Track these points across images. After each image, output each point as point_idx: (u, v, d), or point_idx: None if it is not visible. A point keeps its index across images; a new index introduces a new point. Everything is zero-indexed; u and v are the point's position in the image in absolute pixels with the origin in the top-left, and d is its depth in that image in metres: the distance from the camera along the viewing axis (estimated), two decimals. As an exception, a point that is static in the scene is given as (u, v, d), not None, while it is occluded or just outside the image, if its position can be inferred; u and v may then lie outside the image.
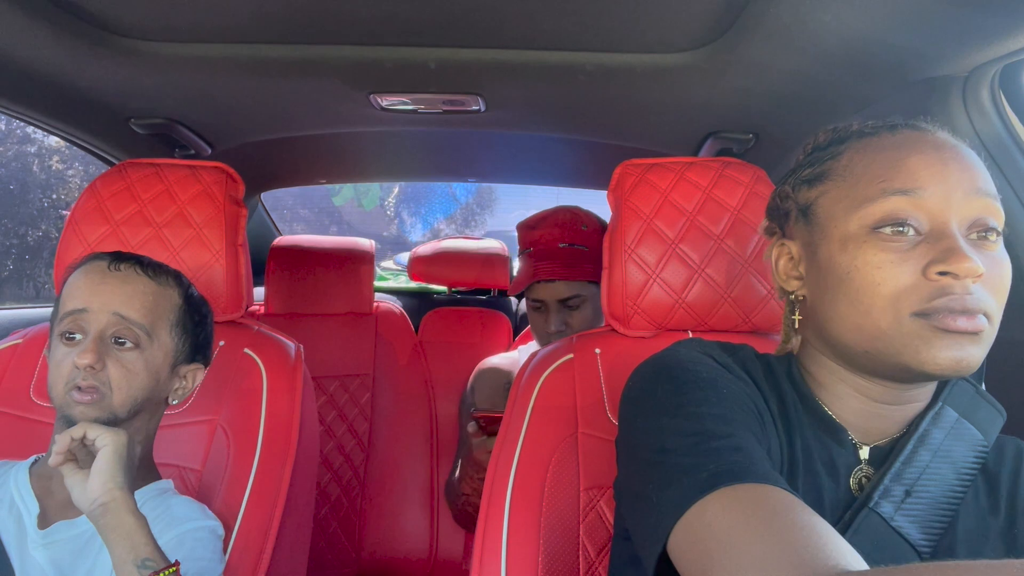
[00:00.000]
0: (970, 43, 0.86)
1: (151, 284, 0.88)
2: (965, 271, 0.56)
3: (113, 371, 0.83)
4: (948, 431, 0.65)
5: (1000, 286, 0.60)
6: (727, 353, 0.70)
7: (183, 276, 0.95)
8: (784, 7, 0.89)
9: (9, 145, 5.50)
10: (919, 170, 0.60)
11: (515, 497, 0.89)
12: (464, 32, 1.10)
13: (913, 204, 0.59)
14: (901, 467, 0.63)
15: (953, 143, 0.62)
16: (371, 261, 1.99)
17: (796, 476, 0.65)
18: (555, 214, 1.46)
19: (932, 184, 0.59)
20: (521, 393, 0.98)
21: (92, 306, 0.84)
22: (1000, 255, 0.60)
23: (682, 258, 0.98)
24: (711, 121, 1.42)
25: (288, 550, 1.03)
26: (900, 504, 0.61)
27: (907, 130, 0.64)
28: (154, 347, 0.87)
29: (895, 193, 0.60)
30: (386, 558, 1.83)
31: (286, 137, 1.69)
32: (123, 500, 0.75)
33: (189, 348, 0.92)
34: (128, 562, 0.72)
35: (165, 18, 1.07)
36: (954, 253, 0.57)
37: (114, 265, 0.87)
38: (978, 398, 0.68)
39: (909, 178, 0.60)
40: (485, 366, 1.69)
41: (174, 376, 0.92)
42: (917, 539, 0.60)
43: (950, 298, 0.57)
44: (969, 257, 0.56)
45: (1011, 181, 0.93)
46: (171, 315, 0.90)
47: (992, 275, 0.59)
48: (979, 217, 0.60)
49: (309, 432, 1.11)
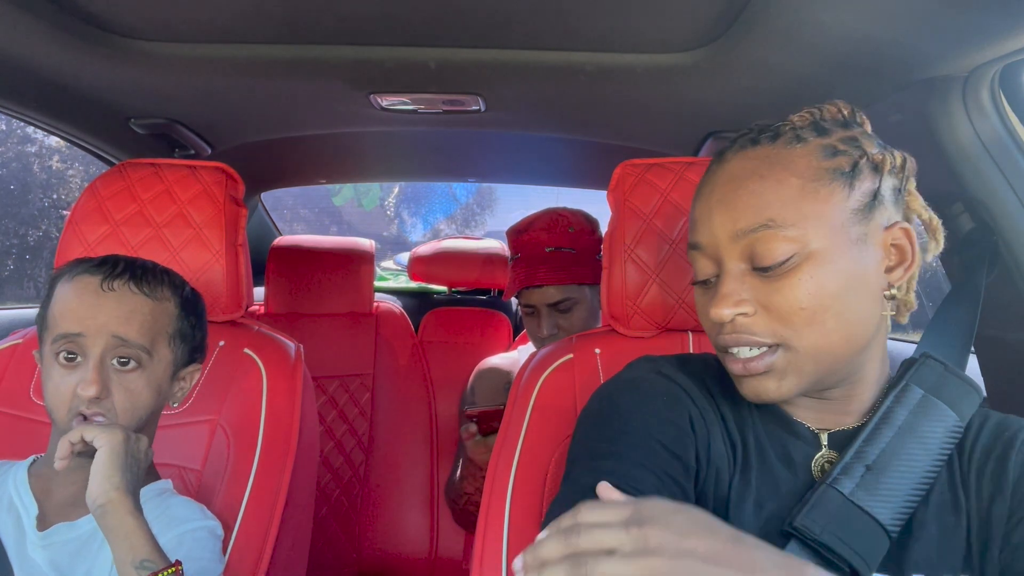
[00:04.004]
0: (970, 43, 0.86)
1: (148, 301, 0.85)
2: (715, 317, 0.64)
3: (118, 396, 0.82)
4: (913, 408, 0.66)
5: (787, 309, 0.62)
6: (678, 366, 0.75)
7: (176, 276, 0.92)
8: (784, 7, 0.89)
9: (9, 145, 5.50)
10: (696, 222, 0.68)
11: (515, 497, 0.89)
12: (464, 32, 1.10)
13: (699, 256, 0.68)
14: (862, 445, 0.65)
15: (727, 179, 0.66)
16: (371, 261, 1.99)
17: (749, 470, 0.68)
18: (540, 218, 1.45)
19: (704, 235, 0.66)
20: (521, 393, 0.98)
21: (89, 330, 0.81)
22: (785, 280, 0.62)
23: (682, 258, 0.98)
24: (711, 121, 1.42)
25: (288, 550, 1.03)
26: (860, 480, 0.63)
27: (715, 163, 0.69)
28: (154, 363, 0.86)
29: (690, 248, 0.69)
30: (386, 558, 1.83)
31: (286, 137, 1.69)
32: (120, 501, 0.75)
33: (187, 353, 0.91)
34: (127, 563, 0.72)
35: (165, 18, 1.07)
36: (713, 298, 0.65)
37: (107, 283, 0.83)
38: (947, 375, 0.68)
39: (692, 232, 0.69)
40: (485, 366, 1.69)
41: (174, 382, 0.91)
42: (882, 514, 0.62)
43: (720, 337, 0.65)
44: (720, 302, 0.63)
45: (1011, 181, 0.93)
46: (169, 327, 0.88)
47: (774, 301, 0.62)
48: (750, 255, 0.63)
49: (309, 432, 1.11)
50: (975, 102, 0.93)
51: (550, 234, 1.42)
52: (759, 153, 0.65)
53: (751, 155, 0.66)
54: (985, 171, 0.93)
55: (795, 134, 0.65)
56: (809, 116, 0.67)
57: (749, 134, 0.68)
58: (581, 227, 1.43)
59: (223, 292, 1.09)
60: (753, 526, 0.66)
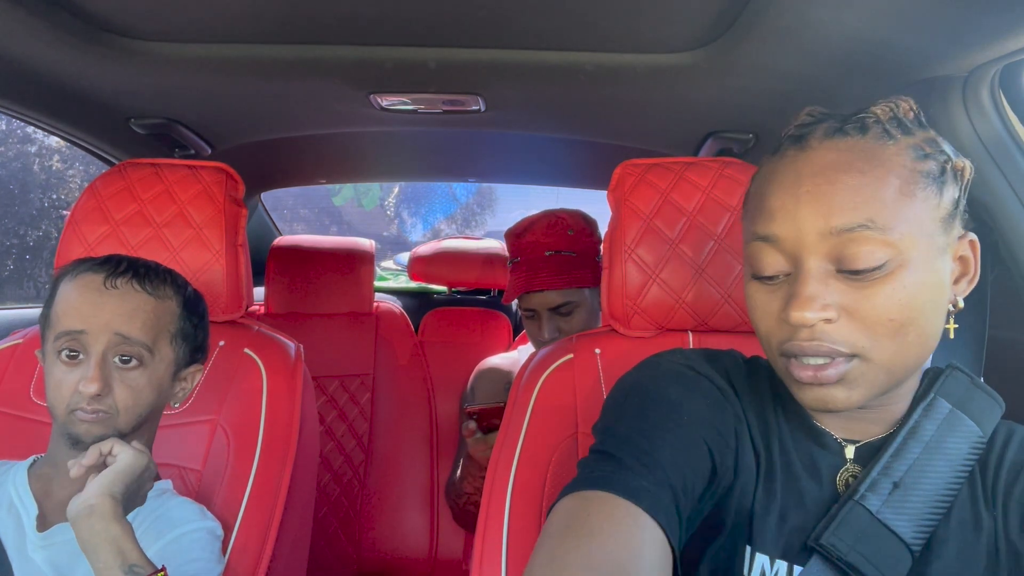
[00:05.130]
0: (970, 43, 0.86)
1: (150, 300, 0.85)
2: (796, 320, 0.58)
3: (119, 393, 0.82)
4: (940, 423, 0.64)
5: (875, 318, 0.57)
6: (708, 362, 0.71)
7: (178, 276, 0.93)
8: (784, 7, 0.89)
9: (9, 145, 5.50)
10: (774, 213, 0.61)
11: (515, 497, 0.89)
12: (464, 32, 1.10)
13: (771, 249, 0.61)
14: (890, 460, 0.63)
15: (817, 170, 0.59)
16: (371, 261, 1.99)
17: (774, 479, 0.65)
18: (539, 220, 1.44)
19: (784, 228, 0.60)
20: (521, 393, 0.98)
21: (91, 327, 0.81)
22: (878, 286, 0.57)
23: (682, 258, 0.98)
24: (711, 121, 1.42)
25: (288, 550, 1.03)
26: (887, 497, 0.61)
27: (793, 148, 0.62)
28: (156, 361, 0.86)
29: (757, 239, 0.62)
30: (386, 558, 1.83)
31: (286, 137, 1.69)
32: (112, 508, 0.75)
33: (189, 353, 0.92)
34: (115, 567, 0.72)
35: (165, 18, 1.07)
36: (793, 300, 0.58)
37: (110, 281, 0.84)
38: (973, 388, 0.67)
39: (765, 222, 0.61)
40: (485, 366, 1.69)
41: (176, 382, 0.91)
42: (906, 532, 0.60)
43: (793, 343, 0.59)
44: (804, 304, 0.57)
45: (1011, 181, 0.93)
46: (171, 326, 0.88)
47: (861, 309, 0.57)
48: (839, 256, 0.58)
49: (309, 432, 1.11)
50: (975, 102, 0.93)
51: (549, 237, 1.41)
52: (850, 145, 0.59)
53: (842, 146, 0.60)
54: (985, 171, 0.93)
55: (883, 128, 0.60)
56: (889, 110, 0.62)
57: (830, 121, 0.62)
58: (580, 229, 1.43)
59: (223, 292, 1.09)
60: (776, 539, 0.64)
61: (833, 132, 0.61)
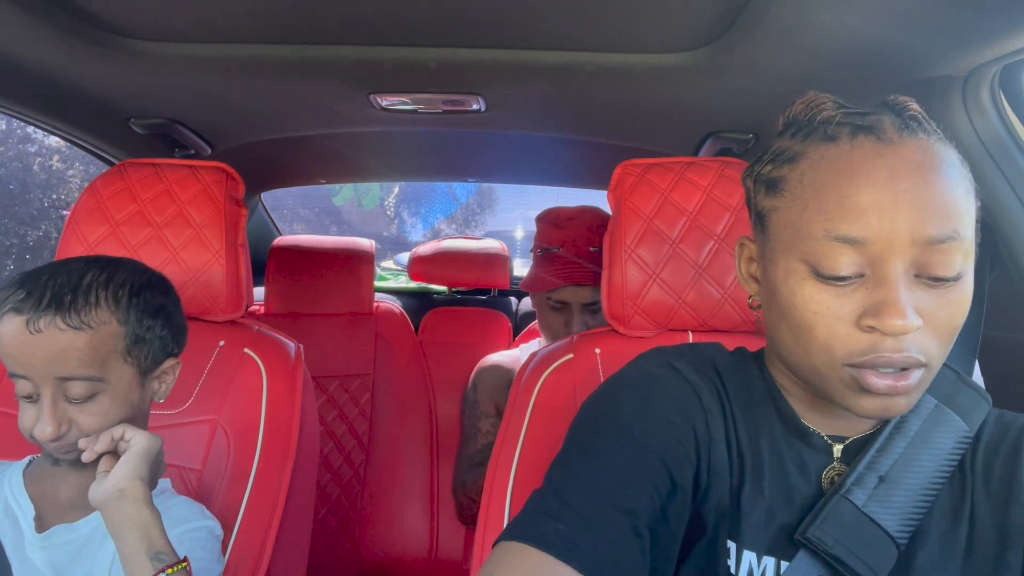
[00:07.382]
0: (970, 43, 0.86)
1: (81, 335, 0.76)
2: (893, 329, 0.54)
3: (84, 423, 0.79)
4: (926, 418, 0.65)
5: (947, 326, 0.56)
6: (688, 358, 0.70)
7: (115, 285, 0.81)
8: (784, 7, 0.89)
9: (9, 145, 5.50)
10: (866, 211, 0.55)
11: (515, 497, 0.89)
12: (464, 32, 1.10)
13: (849, 248, 0.55)
14: (875, 455, 0.63)
15: (911, 167, 0.55)
16: (371, 261, 1.99)
17: (762, 476, 0.65)
18: (583, 214, 1.43)
19: (875, 228, 0.54)
20: (521, 393, 0.98)
21: (31, 373, 0.76)
22: (953, 294, 0.56)
23: (682, 258, 0.98)
24: (711, 121, 1.42)
25: (288, 550, 1.03)
26: (873, 491, 0.62)
27: (869, 138, 0.57)
28: (114, 382, 0.80)
29: (837, 239, 0.55)
30: (386, 558, 1.83)
31: (286, 137, 1.69)
32: (143, 491, 0.75)
33: (152, 356, 0.85)
34: (142, 553, 0.72)
35: (165, 18, 1.07)
36: (886, 307, 0.54)
37: (33, 325, 0.75)
38: (960, 384, 0.67)
39: (854, 222, 0.55)
40: (487, 363, 1.69)
41: (148, 385, 0.86)
42: (891, 525, 0.61)
43: (877, 356, 0.55)
44: (902, 312, 0.53)
45: (1011, 181, 0.93)
46: (118, 346, 0.80)
47: (938, 317, 0.56)
48: (926, 263, 0.55)
49: (309, 432, 1.11)
50: (975, 102, 0.93)
51: (595, 233, 1.40)
52: (927, 146, 0.56)
53: (922, 145, 0.56)
54: (985, 171, 0.93)
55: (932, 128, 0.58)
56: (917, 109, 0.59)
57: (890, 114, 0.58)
58: None
59: (223, 292, 1.09)
60: (763, 536, 0.64)
61: (903, 128, 0.57)
